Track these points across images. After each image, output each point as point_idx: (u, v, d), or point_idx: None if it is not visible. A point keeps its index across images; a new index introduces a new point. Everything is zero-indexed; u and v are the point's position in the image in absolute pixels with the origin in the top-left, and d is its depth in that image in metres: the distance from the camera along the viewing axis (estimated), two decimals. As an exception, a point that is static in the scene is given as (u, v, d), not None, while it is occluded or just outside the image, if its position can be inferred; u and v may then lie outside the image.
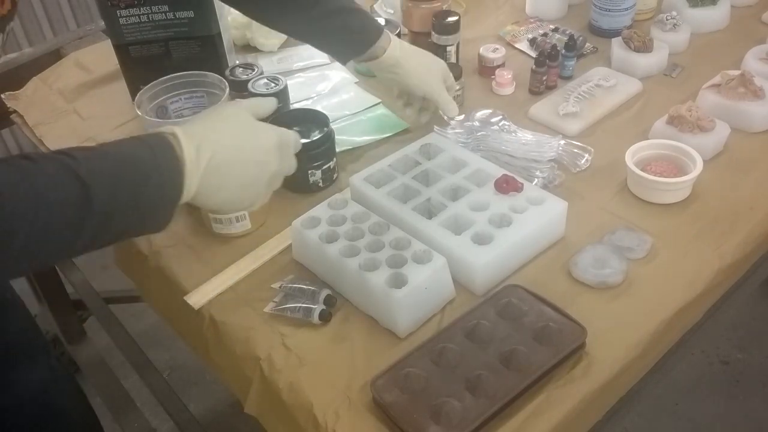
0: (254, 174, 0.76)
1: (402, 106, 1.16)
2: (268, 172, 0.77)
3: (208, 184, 0.71)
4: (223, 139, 0.73)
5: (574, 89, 1.21)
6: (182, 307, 0.92)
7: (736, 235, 0.95)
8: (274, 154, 0.78)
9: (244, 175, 0.75)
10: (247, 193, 0.77)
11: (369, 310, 0.87)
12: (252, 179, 0.76)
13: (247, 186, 0.76)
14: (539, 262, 0.93)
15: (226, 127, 0.75)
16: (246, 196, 0.77)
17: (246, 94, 1.12)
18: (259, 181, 0.77)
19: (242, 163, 0.75)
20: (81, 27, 1.75)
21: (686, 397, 1.76)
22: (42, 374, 1.14)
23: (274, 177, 0.79)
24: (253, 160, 0.76)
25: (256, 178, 0.77)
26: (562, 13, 1.48)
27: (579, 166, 1.07)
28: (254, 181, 0.77)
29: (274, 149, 0.78)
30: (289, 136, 0.81)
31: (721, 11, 1.38)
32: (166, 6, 1.14)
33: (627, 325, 0.84)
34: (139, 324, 1.94)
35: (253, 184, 0.77)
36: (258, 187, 0.78)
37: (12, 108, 1.33)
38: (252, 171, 0.76)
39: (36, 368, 1.13)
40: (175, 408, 1.49)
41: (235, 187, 0.75)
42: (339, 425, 0.75)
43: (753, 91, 1.11)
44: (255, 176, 0.77)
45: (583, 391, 0.77)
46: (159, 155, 0.68)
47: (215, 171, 0.72)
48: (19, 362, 1.10)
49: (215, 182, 0.72)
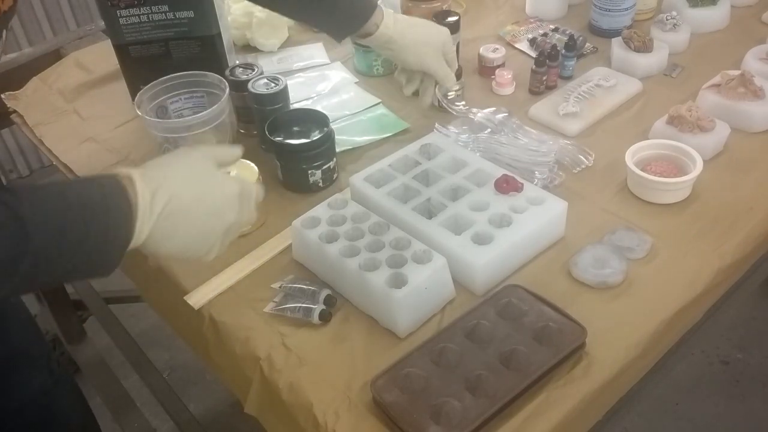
0: (211, 224, 0.74)
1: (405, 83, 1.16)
2: (225, 222, 0.75)
3: (160, 231, 0.69)
4: (182, 185, 0.71)
5: (574, 89, 1.21)
6: (182, 307, 0.92)
7: (736, 235, 0.95)
8: (233, 205, 0.76)
9: (200, 225, 0.73)
10: (201, 243, 0.74)
11: (369, 310, 0.87)
12: (208, 229, 0.74)
13: (203, 236, 0.74)
14: (539, 262, 0.93)
15: (187, 173, 0.73)
16: (200, 245, 0.74)
17: (246, 95, 1.12)
18: (215, 231, 0.75)
19: (199, 212, 0.72)
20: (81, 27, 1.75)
21: (686, 397, 1.76)
22: (42, 378, 1.14)
23: (231, 228, 0.76)
24: (210, 210, 0.73)
25: (212, 229, 0.74)
26: (562, 13, 1.48)
27: (579, 166, 1.07)
28: (210, 232, 0.74)
29: (234, 200, 0.76)
30: (251, 187, 0.79)
31: (721, 11, 1.38)
32: (166, 6, 1.14)
33: (627, 325, 0.84)
34: (139, 324, 1.94)
35: (208, 234, 0.74)
36: (213, 238, 0.75)
37: (12, 108, 1.33)
38: (209, 221, 0.74)
39: (36, 372, 1.13)
40: (175, 408, 1.50)
41: (189, 235, 0.72)
42: (339, 425, 0.75)
43: (753, 91, 1.11)
44: (211, 226, 0.74)
45: (583, 391, 0.77)
46: (109, 198, 0.66)
47: (170, 218, 0.69)
48: (20, 366, 1.10)
49: (169, 229, 0.70)
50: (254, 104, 1.11)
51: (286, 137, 1.06)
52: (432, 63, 1.08)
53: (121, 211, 0.66)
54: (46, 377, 1.15)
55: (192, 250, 0.74)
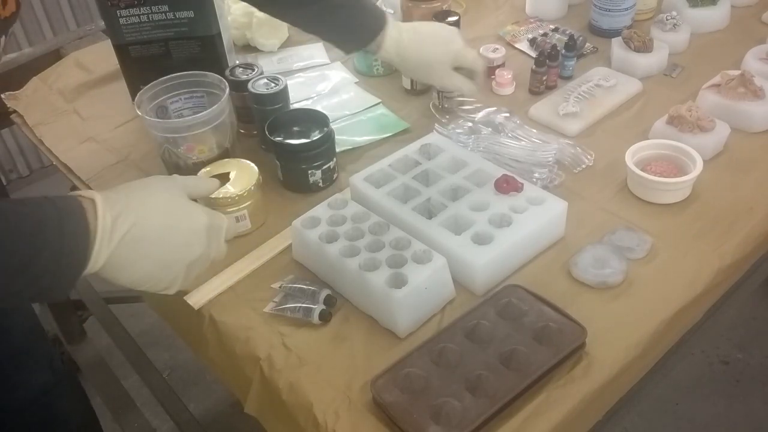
0: (174, 255, 0.71)
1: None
2: (191, 255, 0.72)
3: (119, 258, 0.66)
4: (148, 213, 0.68)
5: (574, 89, 1.21)
6: (182, 307, 0.92)
7: (736, 235, 0.95)
8: (200, 238, 0.73)
9: (163, 255, 0.70)
10: (163, 275, 0.71)
11: (369, 310, 0.87)
12: (171, 260, 0.71)
13: (165, 267, 0.71)
14: (539, 262, 0.93)
15: (155, 201, 0.70)
16: (162, 277, 0.71)
17: (246, 95, 1.12)
18: (179, 263, 0.72)
19: (163, 242, 0.69)
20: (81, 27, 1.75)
21: (686, 397, 1.76)
22: (45, 376, 1.14)
23: (197, 261, 0.73)
24: (175, 241, 0.70)
25: (175, 260, 0.71)
26: (562, 13, 1.48)
27: (579, 166, 1.07)
28: (173, 263, 0.71)
29: (202, 232, 0.73)
30: (221, 220, 0.77)
31: (721, 11, 1.38)
32: (166, 6, 1.14)
33: (627, 325, 0.84)
34: (139, 324, 1.94)
35: (171, 265, 0.71)
36: (177, 270, 0.72)
37: (12, 108, 1.33)
38: (172, 252, 0.70)
39: (39, 370, 1.13)
40: (175, 408, 1.50)
41: (150, 266, 0.69)
42: (339, 425, 0.75)
43: (753, 91, 1.11)
44: (175, 258, 0.71)
45: (583, 391, 0.77)
46: (65, 220, 0.62)
47: (130, 245, 0.66)
48: (23, 364, 1.10)
49: (129, 258, 0.67)
50: (254, 104, 1.11)
51: (286, 137, 1.06)
52: (438, 80, 1.08)
53: (77, 235, 0.63)
54: (49, 376, 1.15)
55: (153, 281, 0.71)
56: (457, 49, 1.09)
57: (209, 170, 1.00)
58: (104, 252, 0.65)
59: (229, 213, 0.97)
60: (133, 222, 0.67)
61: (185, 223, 0.72)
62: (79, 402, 1.27)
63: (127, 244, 0.66)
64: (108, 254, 0.65)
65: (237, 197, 0.96)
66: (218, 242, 0.76)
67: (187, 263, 0.73)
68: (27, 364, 1.11)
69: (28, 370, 1.11)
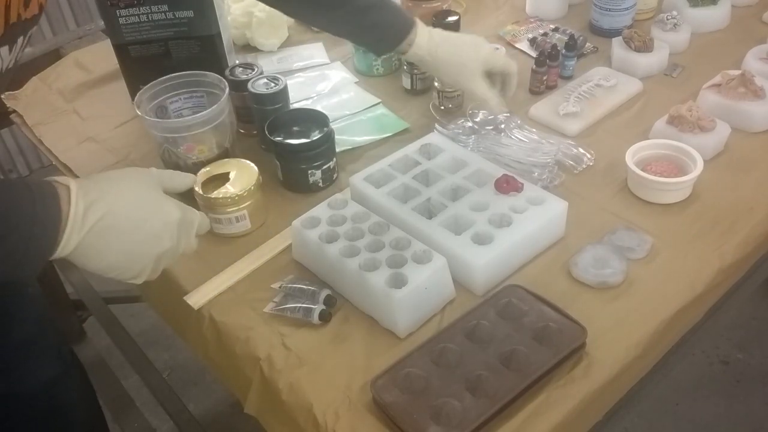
0: (143, 247, 0.72)
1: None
2: (159, 247, 0.73)
3: (89, 245, 0.67)
4: (120, 203, 0.69)
5: (574, 89, 1.21)
6: (182, 307, 0.92)
7: (736, 235, 0.95)
8: (171, 231, 0.74)
9: (132, 246, 0.71)
10: (131, 264, 0.72)
11: (369, 310, 0.87)
12: (140, 252, 0.72)
13: (134, 258, 0.72)
14: (539, 262, 0.93)
15: (129, 192, 0.71)
16: (130, 266, 0.73)
17: (246, 94, 1.12)
18: (147, 255, 0.73)
19: (133, 233, 0.70)
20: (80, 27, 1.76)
21: (686, 398, 1.76)
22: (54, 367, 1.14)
23: (166, 254, 0.74)
24: (145, 233, 0.71)
25: (144, 252, 0.72)
26: (563, 12, 1.48)
27: (579, 167, 1.07)
28: (142, 255, 0.72)
29: (173, 226, 0.74)
30: (194, 215, 0.78)
31: (722, 11, 1.38)
32: (165, 6, 1.14)
33: (627, 325, 0.84)
34: (139, 324, 1.94)
35: (140, 257, 0.72)
36: (145, 261, 0.73)
37: (11, 108, 1.33)
38: (141, 243, 0.72)
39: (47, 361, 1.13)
40: (174, 408, 1.49)
41: (119, 255, 0.70)
42: (339, 425, 0.75)
43: (753, 90, 1.11)
44: (144, 250, 0.72)
45: (583, 392, 0.77)
46: (39, 204, 0.64)
47: (101, 234, 0.68)
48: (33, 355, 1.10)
49: (98, 246, 0.68)
50: (254, 104, 1.11)
51: (286, 137, 1.05)
52: (467, 85, 1.08)
53: (47, 220, 0.64)
54: (57, 366, 1.15)
55: (120, 269, 0.72)
56: (487, 51, 1.09)
57: (209, 170, 1.00)
58: (74, 239, 0.66)
59: (229, 213, 0.97)
60: (105, 211, 0.68)
61: (157, 216, 0.73)
62: (85, 394, 1.27)
63: (97, 233, 0.67)
64: (77, 241, 0.66)
65: (237, 197, 0.96)
66: (188, 237, 0.77)
67: (156, 255, 0.74)
68: (36, 354, 1.10)
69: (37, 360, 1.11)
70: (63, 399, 1.17)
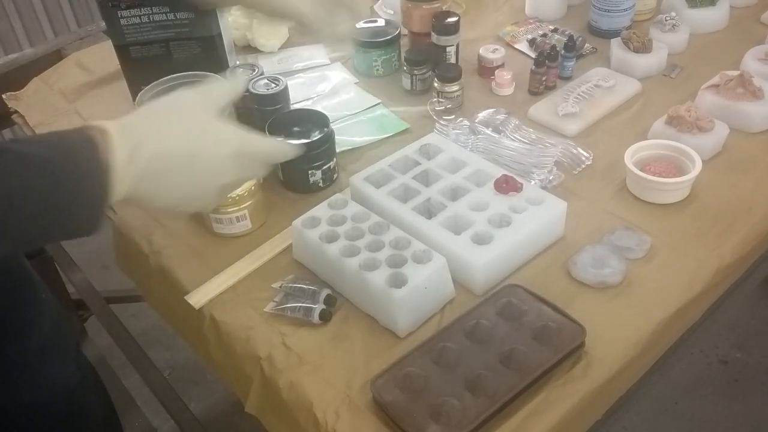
0: (203, 181, 0.67)
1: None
2: (220, 180, 0.68)
3: (144, 188, 0.63)
4: (169, 142, 0.63)
5: (573, 90, 1.22)
6: (183, 306, 0.92)
7: (735, 235, 0.95)
8: (231, 164, 0.68)
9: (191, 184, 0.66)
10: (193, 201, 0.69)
11: (369, 309, 0.87)
12: (201, 186, 0.67)
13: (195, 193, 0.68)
14: (539, 262, 0.93)
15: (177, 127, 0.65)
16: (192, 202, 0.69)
17: (246, 95, 1.12)
18: (209, 188, 0.68)
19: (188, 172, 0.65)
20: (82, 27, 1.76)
21: (685, 397, 1.76)
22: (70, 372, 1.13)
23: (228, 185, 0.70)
24: (201, 169, 0.66)
25: (205, 186, 0.68)
26: (562, 13, 1.48)
27: (578, 167, 1.07)
28: (204, 188, 0.68)
29: (228, 160, 0.68)
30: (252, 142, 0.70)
31: (720, 12, 1.39)
32: (166, 7, 1.14)
33: (626, 325, 0.84)
34: (139, 323, 1.94)
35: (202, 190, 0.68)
36: (209, 194, 0.69)
37: (13, 108, 1.33)
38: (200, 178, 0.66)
39: (65, 365, 1.13)
40: (175, 407, 1.49)
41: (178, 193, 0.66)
42: (339, 425, 0.76)
43: (752, 91, 1.11)
44: (204, 183, 0.67)
45: (582, 391, 0.78)
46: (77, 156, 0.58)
47: (154, 177, 0.63)
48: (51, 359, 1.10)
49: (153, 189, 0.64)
50: (254, 105, 1.12)
51: (286, 137, 1.06)
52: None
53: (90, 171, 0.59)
54: (74, 370, 1.14)
55: (183, 206, 0.69)
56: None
57: (210, 170, 1.00)
58: (125, 183, 0.61)
59: (229, 213, 0.97)
60: (156, 151, 0.62)
61: (212, 151, 0.66)
62: (101, 396, 1.26)
63: (151, 177, 0.63)
64: (130, 186, 0.62)
65: (237, 197, 0.96)
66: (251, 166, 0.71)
67: (218, 187, 0.69)
68: (55, 359, 1.10)
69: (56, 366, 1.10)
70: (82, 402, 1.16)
